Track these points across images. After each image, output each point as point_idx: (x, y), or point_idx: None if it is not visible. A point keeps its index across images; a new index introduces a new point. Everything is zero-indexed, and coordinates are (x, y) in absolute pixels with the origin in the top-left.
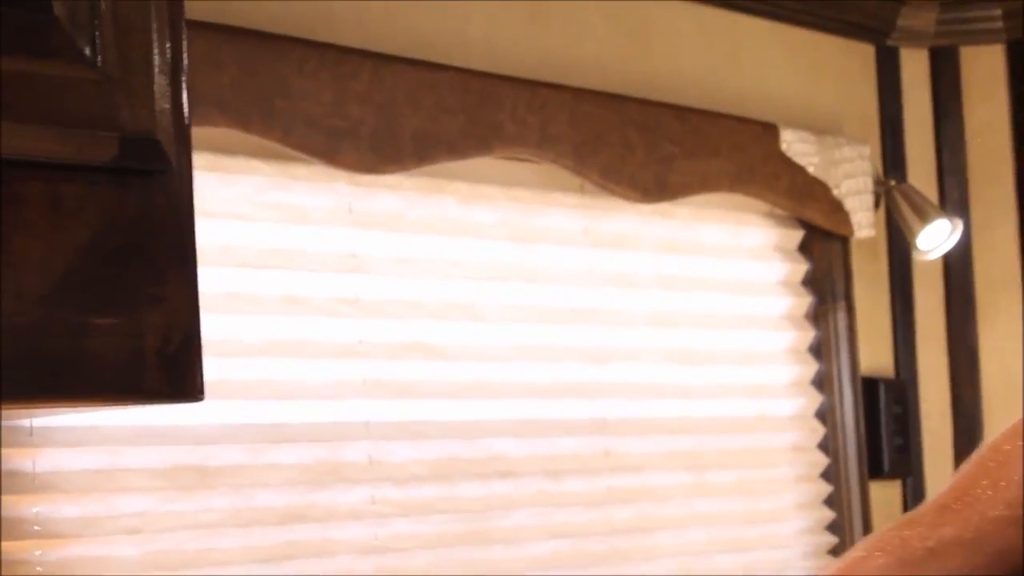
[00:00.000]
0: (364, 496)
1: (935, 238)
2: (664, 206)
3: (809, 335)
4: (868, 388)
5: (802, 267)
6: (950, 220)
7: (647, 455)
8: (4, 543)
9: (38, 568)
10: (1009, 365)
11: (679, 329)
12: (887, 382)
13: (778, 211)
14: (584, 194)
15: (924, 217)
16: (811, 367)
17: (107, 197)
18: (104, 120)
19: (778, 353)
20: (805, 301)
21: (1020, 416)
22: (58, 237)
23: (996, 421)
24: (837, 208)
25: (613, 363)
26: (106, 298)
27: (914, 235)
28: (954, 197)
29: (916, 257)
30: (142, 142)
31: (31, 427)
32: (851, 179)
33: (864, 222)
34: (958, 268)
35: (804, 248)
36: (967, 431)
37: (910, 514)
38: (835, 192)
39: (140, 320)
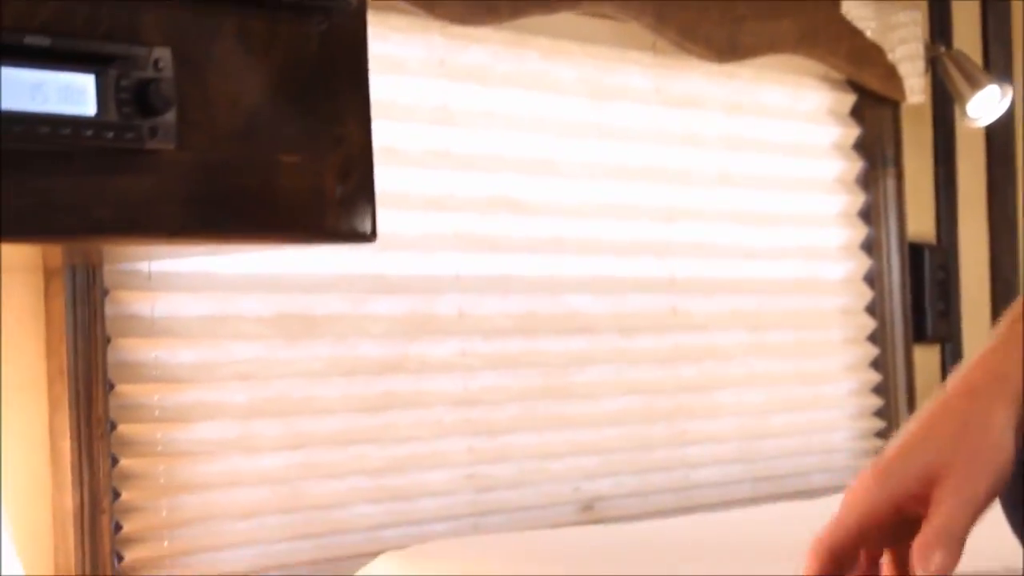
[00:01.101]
0: (454, 348)
1: (985, 105)
2: (729, 67)
3: (859, 200)
4: (913, 253)
5: (854, 131)
6: (1000, 86)
7: (711, 314)
8: (124, 387)
9: (156, 412)
10: None
11: (740, 189)
12: (931, 248)
13: (832, 74)
14: (656, 53)
15: (975, 84)
16: (860, 231)
17: (291, 34)
18: None
19: (830, 216)
20: (856, 165)
21: None
22: (248, 74)
23: None
24: (892, 73)
25: (681, 222)
26: (292, 136)
27: (964, 101)
28: (999, 65)
29: (965, 124)
30: None
31: (150, 272)
32: (905, 44)
33: (916, 88)
34: (1000, 136)
35: (856, 113)
36: (1004, 298)
37: None
38: (890, 57)
39: (322, 159)
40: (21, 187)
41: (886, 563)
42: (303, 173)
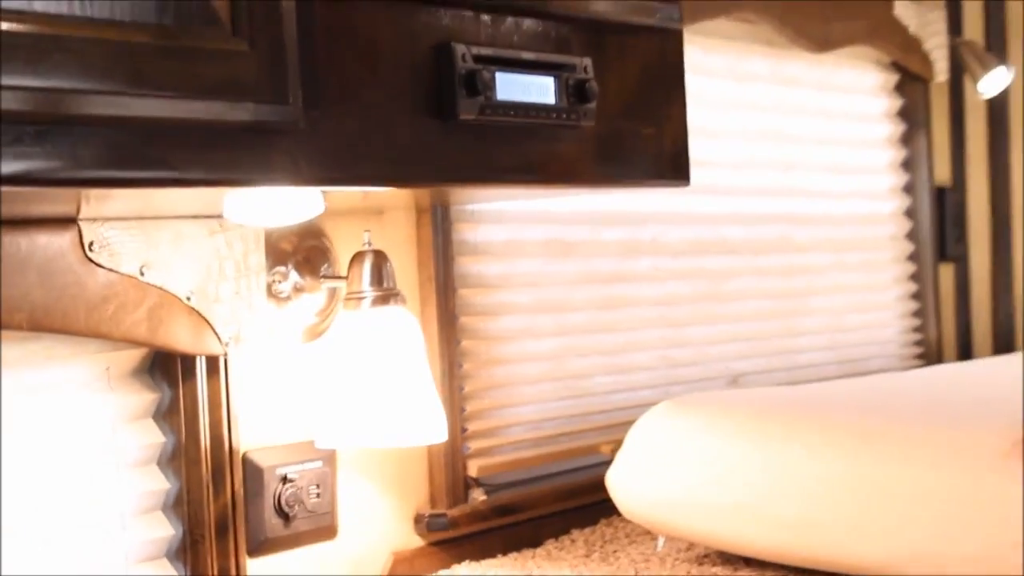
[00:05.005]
0: (650, 264)
1: (992, 82)
2: (819, 55)
3: (901, 153)
4: (938, 194)
5: (897, 102)
6: (1006, 67)
7: (808, 240)
8: (462, 291)
9: (478, 308)
10: None
11: (830, 147)
12: (949, 190)
13: (883, 59)
14: (771, 46)
15: (986, 65)
16: (902, 177)
17: (646, 46)
18: None
19: (881, 166)
20: (899, 128)
21: None
22: (624, 75)
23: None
24: (926, 58)
25: (790, 172)
26: (646, 115)
27: (977, 80)
28: (996, 50)
29: (980, 97)
30: (662, 10)
31: (472, 210)
32: (935, 37)
33: (942, 69)
34: (997, 105)
35: (898, 88)
36: (1001, 227)
37: None
38: (924, 46)
39: (661, 130)
40: (504, 150)
41: None
42: (652, 140)
